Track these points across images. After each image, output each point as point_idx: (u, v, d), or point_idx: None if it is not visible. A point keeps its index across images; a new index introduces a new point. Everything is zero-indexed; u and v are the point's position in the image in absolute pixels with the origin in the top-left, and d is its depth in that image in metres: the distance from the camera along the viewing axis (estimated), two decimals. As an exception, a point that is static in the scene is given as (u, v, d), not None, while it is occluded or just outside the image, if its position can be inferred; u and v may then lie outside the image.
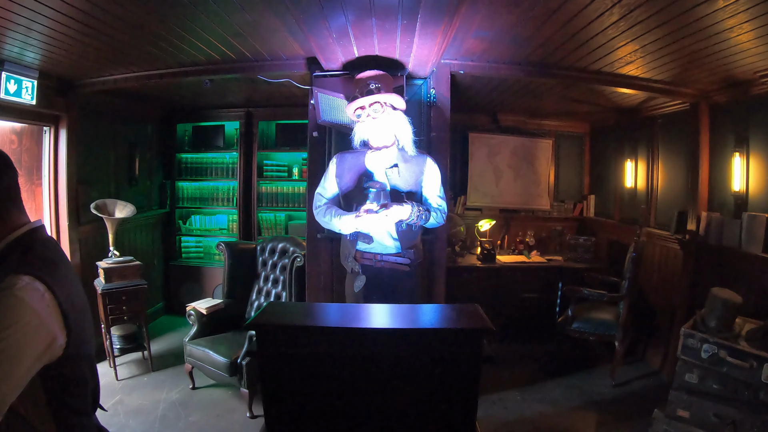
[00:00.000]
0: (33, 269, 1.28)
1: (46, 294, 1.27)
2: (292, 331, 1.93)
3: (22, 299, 1.22)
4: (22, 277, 1.25)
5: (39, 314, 1.24)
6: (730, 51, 3.28)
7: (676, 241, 4.71)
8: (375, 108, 2.90)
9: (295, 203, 6.38)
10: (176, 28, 3.23)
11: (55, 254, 1.45)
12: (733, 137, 4.21)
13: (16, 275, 1.24)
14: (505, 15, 2.90)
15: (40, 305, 1.25)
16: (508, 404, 4.19)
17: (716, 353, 3.22)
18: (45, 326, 1.25)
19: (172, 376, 4.63)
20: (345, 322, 2.10)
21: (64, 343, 1.30)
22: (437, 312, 2.32)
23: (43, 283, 1.27)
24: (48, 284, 1.28)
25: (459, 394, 1.85)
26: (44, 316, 1.25)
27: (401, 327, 2.03)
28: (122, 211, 4.94)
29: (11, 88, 3.84)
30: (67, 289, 1.35)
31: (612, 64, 3.81)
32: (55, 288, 1.30)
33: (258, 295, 4.70)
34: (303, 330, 1.95)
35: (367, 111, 2.92)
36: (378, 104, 2.90)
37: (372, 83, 2.92)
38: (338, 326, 2.02)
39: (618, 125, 6.03)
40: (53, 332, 1.27)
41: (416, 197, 3.04)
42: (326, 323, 2.08)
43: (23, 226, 1.40)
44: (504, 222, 6.46)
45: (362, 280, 3.01)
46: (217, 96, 5.67)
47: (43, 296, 1.27)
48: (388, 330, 1.98)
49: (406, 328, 1.99)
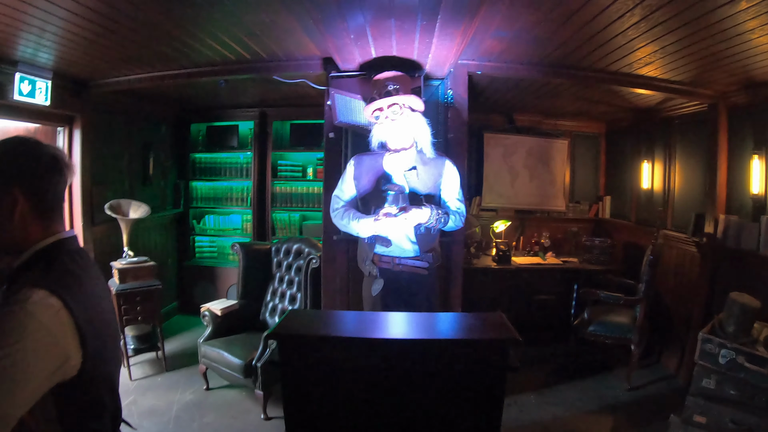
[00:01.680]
0: (51, 283, 1.23)
1: (62, 311, 1.21)
2: (314, 340, 1.91)
3: (33, 315, 1.16)
4: (38, 291, 1.19)
5: (51, 331, 1.18)
6: (751, 52, 3.23)
7: (693, 243, 4.65)
8: (393, 110, 2.87)
9: (309, 203, 6.38)
10: (191, 29, 3.22)
11: (83, 267, 1.39)
12: (752, 139, 4.14)
13: (32, 289, 1.19)
14: (526, 16, 2.87)
15: (53, 322, 1.19)
16: (523, 407, 4.15)
17: (734, 359, 3.19)
18: (57, 345, 1.20)
19: (186, 376, 4.64)
20: (369, 332, 2.07)
21: (78, 363, 1.24)
22: (461, 321, 2.28)
23: (59, 298, 1.21)
24: (65, 300, 1.22)
25: (483, 406, 1.81)
26: (57, 334, 1.20)
27: (426, 338, 2.00)
28: (136, 212, 4.94)
29: (25, 89, 3.84)
30: (87, 307, 1.29)
31: (631, 65, 3.76)
32: (72, 305, 1.23)
33: (273, 297, 4.69)
34: (326, 340, 1.92)
35: (385, 113, 2.89)
36: (396, 106, 2.87)
37: (390, 84, 2.88)
38: (362, 336, 1.98)
39: (634, 126, 5.95)
40: (66, 351, 1.21)
41: (435, 200, 3.01)
42: (350, 333, 2.05)
43: (53, 235, 1.36)
44: (519, 223, 6.41)
45: (380, 284, 2.98)
46: (231, 96, 5.67)
47: (58, 313, 1.20)
48: (412, 341, 1.95)
49: (430, 339, 1.96)
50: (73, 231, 1.45)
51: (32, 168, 1.34)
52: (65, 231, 1.41)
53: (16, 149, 1.36)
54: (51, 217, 1.37)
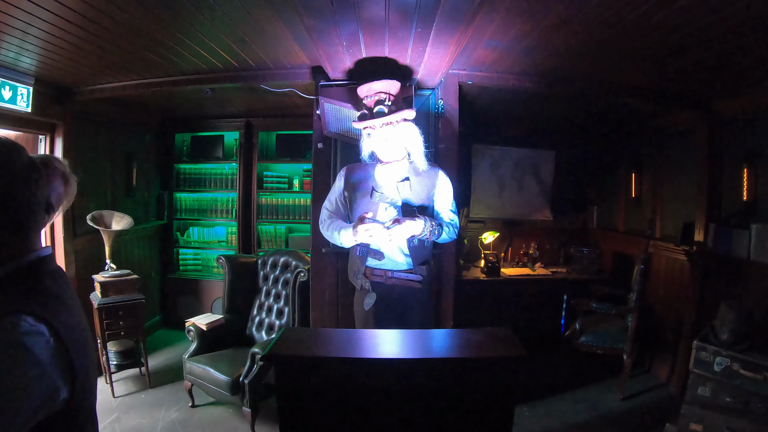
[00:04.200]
0: (38, 308, 1.12)
1: (51, 339, 1.11)
2: (314, 362, 1.81)
3: (23, 345, 1.05)
4: (26, 318, 1.08)
5: (41, 363, 1.08)
6: (740, 62, 3.25)
7: (682, 252, 4.65)
8: (387, 128, 2.78)
9: (295, 216, 6.28)
10: (178, 34, 3.15)
11: (64, 289, 1.27)
12: (741, 147, 4.16)
13: (17, 315, 1.07)
14: (520, 24, 2.84)
15: (44, 353, 1.09)
16: (516, 419, 4.01)
17: (729, 366, 3.21)
18: (47, 377, 1.09)
19: (171, 393, 4.50)
20: (373, 352, 1.97)
21: (67, 395, 1.14)
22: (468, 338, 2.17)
23: (48, 326, 1.11)
24: (54, 328, 1.12)
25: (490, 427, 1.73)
26: (47, 366, 1.09)
27: (431, 357, 1.91)
28: (119, 223, 4.83)
29: (6, 94, 3.75)
30: (74, 333, 1.19)
31: (621, 75, 3.76)
32: (62, 332, 1.14)
33: (259, 311, 4.59)
34: (325, 361, 1.83)
35: (377, 131, 2.81)
36: (390, 125, 2.78)
37: (382, 101, 2.78)
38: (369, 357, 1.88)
39: (623, 135, 5.98)
40: (55, 384, 1.11)
41: (428, 212, 2.93)
42: (353, 353, 1.93)
43: (32, 252, 1.24)
44: (507, 234, 6.39)
45: (372, 298, 2.90)
46: (216, 105, 5.59)
47: (48, 342, 1.11)
48: (416, 360, 1.86)
49: (436, 358, 1.87)
50: (50, 248, 1.33)
51: (2, 176, 1.20)
52: (42, 248, 1.29)
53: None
54: (26, 233, 1.24)
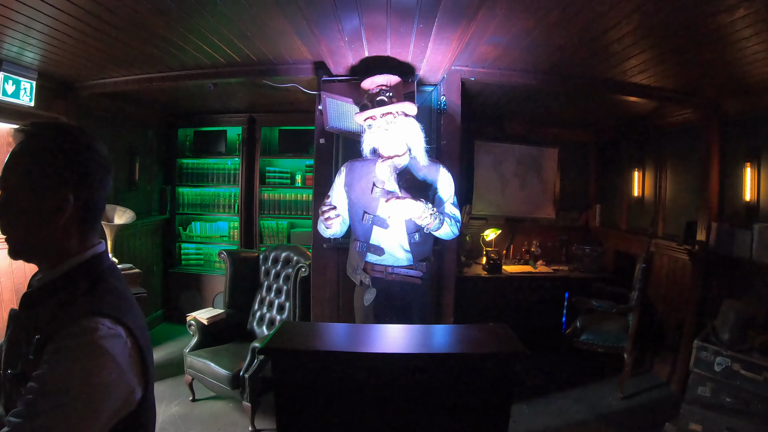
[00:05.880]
0: (111, 309, 1.10)
1: (129, 340, 1.10)
2: (311, 356, 1.81)
3: (104, 348, 1.03)
4: (102, 320, 1.06)
5: (120, 366, 1.06)
6: (745, 60, 3.25)
7: (684, 251, 4.64)
8: (387, 119, 2.78)
9: (297, 211, 6.29)
10: (180, 29, 3.15)
11: (126, 287, 1.24)
12: (745, 147, 4.15)
13: (94, 317, 1.05)
14: (522, 20, 2.83)
15: (123, 355, 1.08)
16: (516, 417, 4.09)
17: (730, 366, 3.20)
18: (124, 379, 1.08)
19: (172, 387, 4.51)
20: (370, 346, 1.97)
21: (141, 396, 1.14)
22: (465, 334, 2.17)
23: (124, 327, 1.09)
24: (129, 329, 1.11)
25: (487, 423, 1.73)
26: (124, 368, 1.08)
27: (431, 352, 1.90)
28: (121, 217, 4.83)
29: (9, 89, 3.75)
30: (144, 332, 1.17)
31: (624, 72, 3.76)
32: (136, 332, 1.12)
33: (260, 305, 4.59)
34: (323, 355, 1.82)
35: (378, 122, 2.81)
36: (390, 115, 2.79)
37: (383, 92, 2.80)
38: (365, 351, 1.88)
39: (626, 134, 5.97)
40: (132, 385, 1.10)
41: (430, 198, 2.90)
42: (350, 348, 1.93)
43: (89, 249, 1.20)
44: (509, 231, 6.38)
45: (372, 293, 2.89)
46: (219, 100, 5.60)
47: (126, 344, 1.09)
48: (414, 355, 1.86)
49: (437, 353, 1.86)
50: (104, 243, 1.28)
51: (86, 166, 1.18)
52: (99, 244, 1.25)
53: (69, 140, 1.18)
54: (93, 226, 1.22)
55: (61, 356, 1.00)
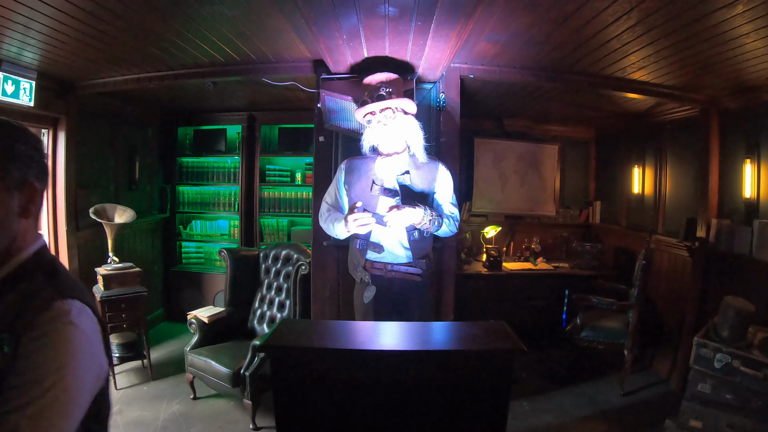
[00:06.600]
0: (75, 291, 1.12)
1: (95, 319, 1.14)
2: (310, 353, 1.81)
3: (78, 327, 1.07)
4: (72, 302, 1.08)
5: (92, 342, 1.11)
6: (744, 57, 3.23)
7: (685, 248, 4.64)
8: (386, 114, 2.79)
9: (297, 209, 6.30)
10: (179, 28, 3.15)
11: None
12: (744, 143, 4.14)
13: (64, 300, 1.07)
14: (521, 17, 2.83)
15: (95, 332, 1.12)
16: (517, 414, 4.10)
17: (730, 363, 3.19)
18: (97, 354, 1.13)
19: (173, 385, 4.53)
20: (368, 343, 1.97)
21: (108, 369, 1.19)
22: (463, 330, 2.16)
23: (88, 306, 1.13)
24: (92, 307, 1.14)
25: (485, 420, 1.73)
26: (95, 344, 1.12)
27: (429, 349, 1.90)
28: (122, 216, 4.84)
29: (9, 89, 3.75)
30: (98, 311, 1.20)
31: (624, 69, 3.75)
32: (96, 311, 1.16)
33: (261, 303, 4.60)
34: (321, 352, 1.82)
35: (377, 117, 2.81)
36: (389, 110, 2.79)
37: (383, 88, 2.80)
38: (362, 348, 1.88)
39: (625, 131, 5.96)
40: (101, 360, 1.15)
41: (428, 204, 2.91)
42: (347, 345, 1.93)
43: (33, 243, 1.20)
44: (509, 228, 6.38)
45: (372, 291, 2.90)
46: (219, 99, 5.60)
47: (93, 321, 1.13)
48: (410, 352, 1.86)
49: (434, 350, 1.86)
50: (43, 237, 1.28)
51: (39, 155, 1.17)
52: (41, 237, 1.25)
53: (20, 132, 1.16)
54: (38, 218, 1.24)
55: (47, 340, 1.02)
